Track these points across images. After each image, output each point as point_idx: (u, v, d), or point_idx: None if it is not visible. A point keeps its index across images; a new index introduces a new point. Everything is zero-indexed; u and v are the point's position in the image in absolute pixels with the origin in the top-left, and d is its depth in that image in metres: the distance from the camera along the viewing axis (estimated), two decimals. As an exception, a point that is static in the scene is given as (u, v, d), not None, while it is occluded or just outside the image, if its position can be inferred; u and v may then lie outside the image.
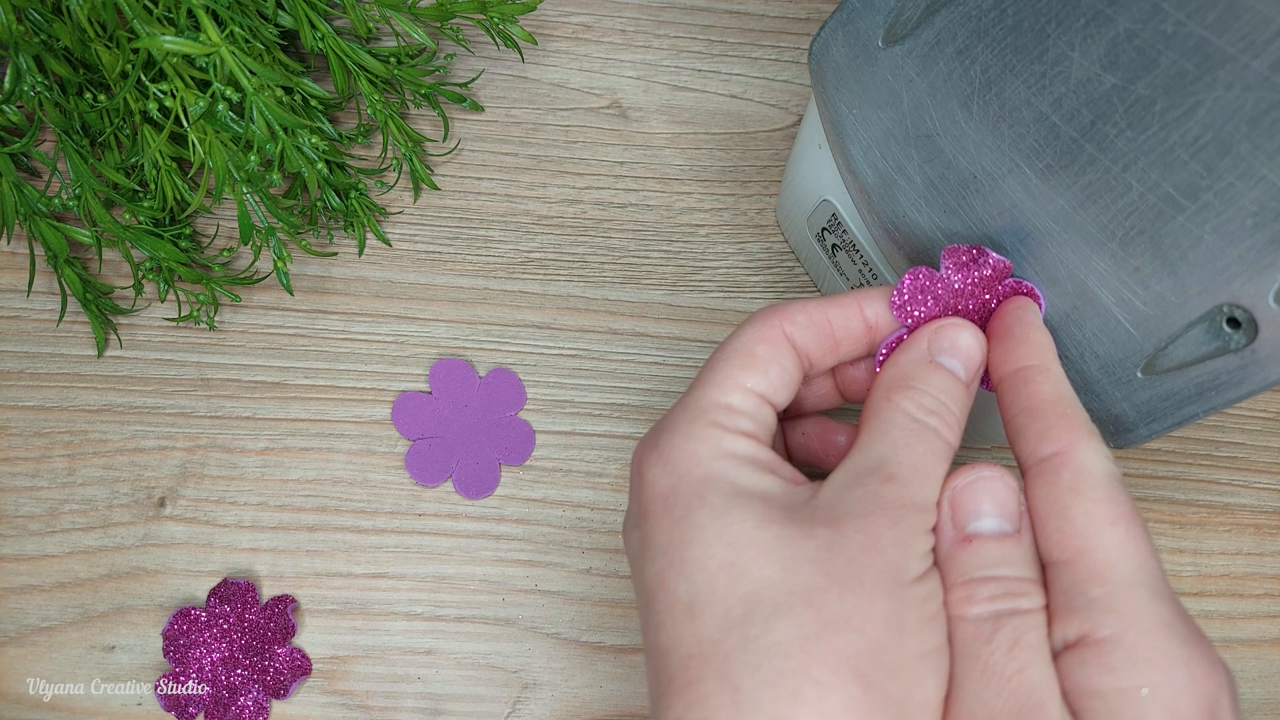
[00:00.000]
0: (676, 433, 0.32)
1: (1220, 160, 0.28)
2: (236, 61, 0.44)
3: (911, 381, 0.32)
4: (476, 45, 0.54)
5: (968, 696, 0.28)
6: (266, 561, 0.49)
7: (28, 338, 0.50)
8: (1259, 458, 0.52)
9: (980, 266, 0.34)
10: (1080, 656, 0.28)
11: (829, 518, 0.29)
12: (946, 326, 0.34)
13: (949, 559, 0.30)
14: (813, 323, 0.34)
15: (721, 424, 0.32)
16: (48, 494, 0.49)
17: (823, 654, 0.27)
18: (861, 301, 0.34)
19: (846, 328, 0.34)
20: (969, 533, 0.30)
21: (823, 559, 0.28)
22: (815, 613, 0.28)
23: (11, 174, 0.47)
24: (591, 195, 0.53)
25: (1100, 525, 0.29)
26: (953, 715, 0.28)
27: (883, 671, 0.27)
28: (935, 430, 0.31)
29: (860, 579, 0.28)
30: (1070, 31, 0.29)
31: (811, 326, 0.34)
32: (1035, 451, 0.31)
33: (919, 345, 0.33)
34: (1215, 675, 0.27)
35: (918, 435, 0.31)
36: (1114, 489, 0.30)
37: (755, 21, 0.56)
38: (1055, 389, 0.32)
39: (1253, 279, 0.30)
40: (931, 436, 0.31)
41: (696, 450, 0.31)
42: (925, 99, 0.34)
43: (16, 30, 0.45)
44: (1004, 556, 0.30)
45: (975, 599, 0.29)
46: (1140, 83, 0.29)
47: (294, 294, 0.51)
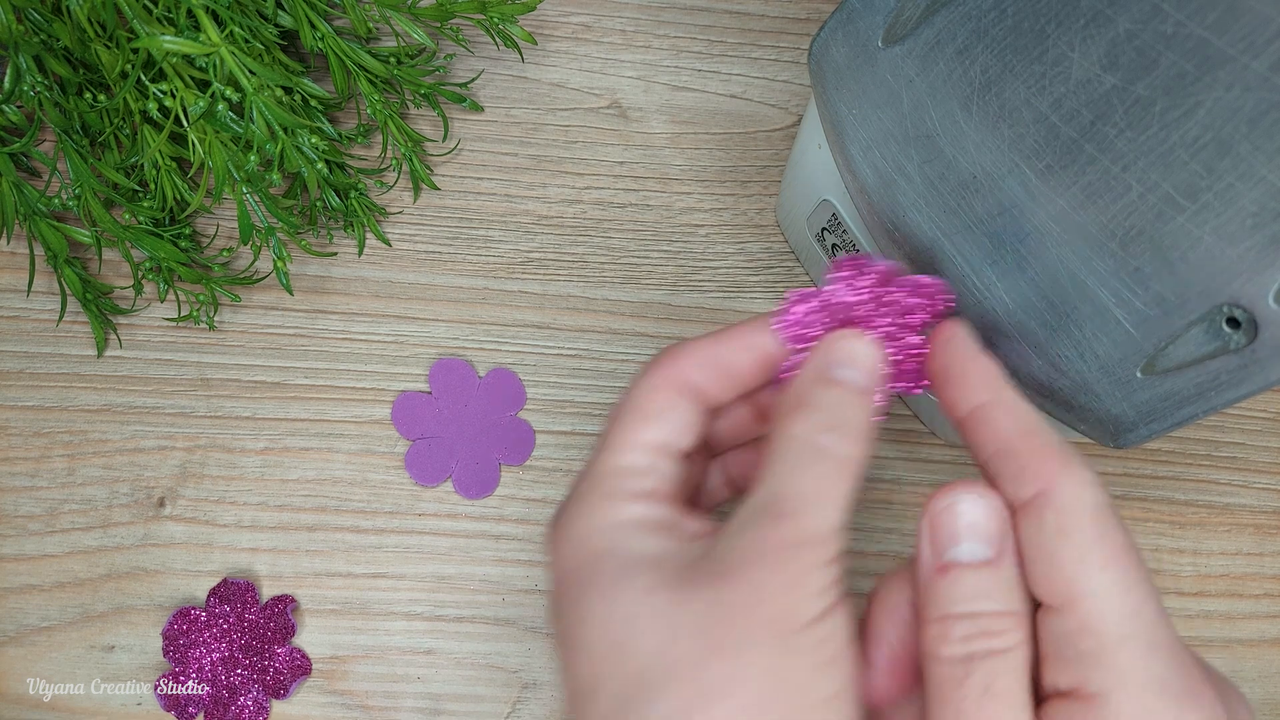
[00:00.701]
0: (574, 508, 0.31)
1: (1220, 161, 0.28)
2: (236, 61, 0.44)
3: (805, 401, 0.31)
4: (476, 45, 0.54)
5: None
6: (266, 561, 0.49)
7: (27, 338, 0.50)
8: (1259, 458, 0.52)
9: (865, 275, 0.34)
10: (1068, 710, 0.27)
11: (716, 572, 0.28)
12: (837, 339, 0.33)
13: (928, 589, 0.29)
14: (706, 363, 0.33)
15: (617, 491, 0.31)
16: (47, 494, 0.49)
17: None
18: (752, 332, 0.33)
19: (740, 362, 0.33)
20: (946, 561, 0.29)
21: (703, 624, 0.27)
22: (693, 685, 0.27)
23: (11, 174, 0.47)
24: (591, 195, 0.53)
25: (1090, 570, 0.27)
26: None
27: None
28: (829, 450, 0.30)
29: (740, 640, 0.27)
30: (1070, 32, 0.29)
31: (705, 367, 0.33)
32: (1017, 494, 0.29)
33: (812, 363, 0.32)
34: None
35: (810, 460, 0.30)
36: (1104, 525, 0.28)
37: (755, 21, 0.56)
38: (1016, 420, 0.30)
39: (1252, 279, 0.29)
40: (826, 458, 0.30)
41: (591, 524, 0.31)
42: (925, 99, 0.34)
43: (16, 30, 0.45)
44: (982, 588, 0.28)
45: (949, 638, 0.28)
46: (1140, 83, 0.29)
47: (294, 294, 0.51)
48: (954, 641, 0.28)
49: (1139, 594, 0.27)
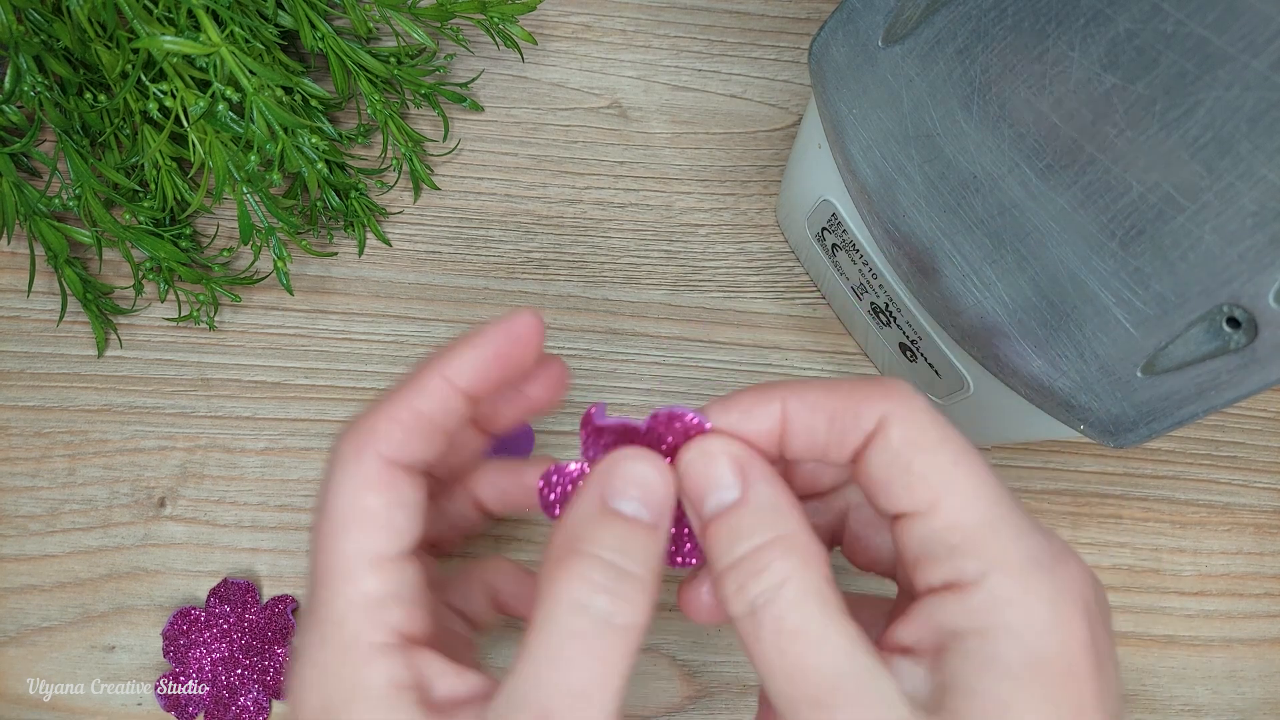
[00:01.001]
0: (310, 671, 0.27)
1: (1220, 160, 0.28)
2: (236, 61, 0.44)
3: (581, 544, 0.27)
4: (476, 45, 0.54)
5: (770, 698, 0.26)
6: (267, 561, 0.49)
7: (28, 338, 0.50)
8: (1259, 457, 0.52)
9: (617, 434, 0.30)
10: (946, 602, 0.26)
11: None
12: (620, 462, 0.29)
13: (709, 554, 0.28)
14: (406, 424, 0.29)
15: (353, 644, 0.27)
16: (48, 494, 0.49)
17: None
18: (444, 372, 0.30)
19: (447, 413, 0.30)
20: (706, 517, 0.28)
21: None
22: None
23: (12, 174, 0.47)
24: (591, 195, 0.53)
25: (946, 470, 0.27)
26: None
27: None
28: (607, 619, 0.26)
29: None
30: (1070, 31, 0.29)
31: (408, 429, 0.29)
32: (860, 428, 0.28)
33: (588, 493, 0.29)
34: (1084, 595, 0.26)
35: (580, 637, 0.26)
36: (945, 430, 0.27)
37: (755, 21, 0.56)
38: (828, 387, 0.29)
39: (1252, 279, 0.29)
40: (601, 632, 0.26)
41: (330, 698, 0.27)
42: (925, 99, 0.34)
43: (16, 30, 0.45)
44: (733, 532, 0.27)
45: (728, 596, 0.27)
46: (1140, 83, 0.29)
47: (294, 294, 0.51)
48: (732, 599, 0.27)
49: (992, 484, 0.27)
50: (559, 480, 0.31)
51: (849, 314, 0.50)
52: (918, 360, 0.46)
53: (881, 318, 0.46)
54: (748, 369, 0.52)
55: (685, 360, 0.52)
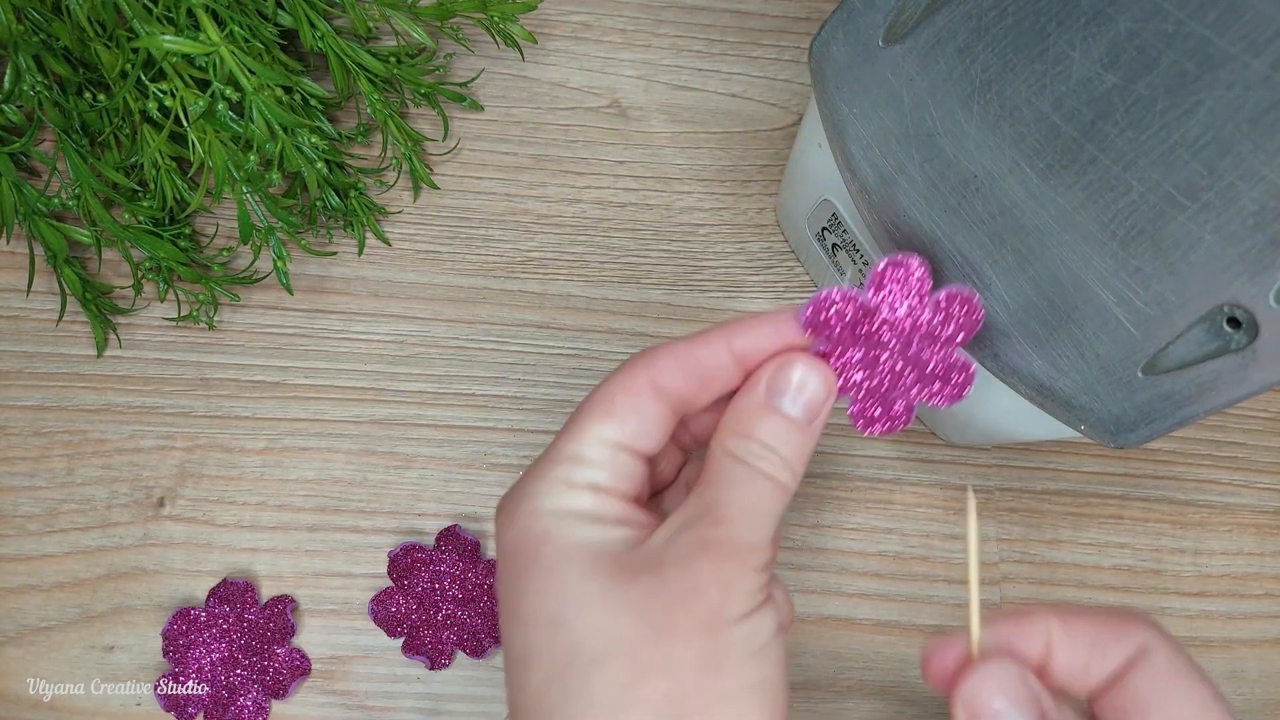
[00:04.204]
0: (525, 488, 0.33)
1: (1221, 160, 0.28)
2: (236, 61, 0.44)
3: (744, 428, 0.33)
4: (476, 44, 0.54)
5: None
6: (266, 561, 0.49)
7: (27, 337, 0.50)
8: (1260, 458, 0.52)
9: (905, 287, 0.33)
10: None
11: (655, 564, 0.30)
12: (787, 366, 0.33)
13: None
14: (680, 366, 0.33)
15: (568, 479, 0.32)
16: (47, 494, 0.49)
17: (633, 701, 0.29)
18: (730, 337, 0.34)
19: (715, 365, 0.34)
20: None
21: (643, 606, 0.29)
22: (630, 661, 0.29)
23: (11, 173, 0.47)
24: (591, 195, 0.53)
25: (1203, 699, 0.30)
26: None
27: (695, 711, 0.29)
28: (766, 474, 0.32)
29: (676, 625, 0.29)
30: (1071, 31, 0.29)
31: (679, 370, 0.33)
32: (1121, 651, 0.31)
33: (755, 389, 0.33)
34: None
35: (747, 480, 0.32)
36: (1194, 662, 0.31)
37: (755, 20, 0.56)
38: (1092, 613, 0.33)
39: (1253, 279, 0.29)
40: (760, 481, 0.32)
41: (538, 506, 0.32)
42: (926, 98, 0.34)
43: (16, 29, 0.45)
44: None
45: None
46: (1141, 82, 0.29)
47: (293, 293, 0.51)
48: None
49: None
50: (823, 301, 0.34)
51: (849, 314, 0.50)
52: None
53: (882, 318, 0.46)
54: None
55: (685, 360, 0.51)
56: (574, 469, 0.32)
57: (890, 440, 0.51)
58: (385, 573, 0.48)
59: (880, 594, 0.50)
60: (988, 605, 0.50)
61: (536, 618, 0.30)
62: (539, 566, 0.31)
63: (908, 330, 0.34)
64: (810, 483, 0.50)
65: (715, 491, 0.32)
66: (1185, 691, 0.30)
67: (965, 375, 0.35)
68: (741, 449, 0.32)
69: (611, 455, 0.33)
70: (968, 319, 0.34)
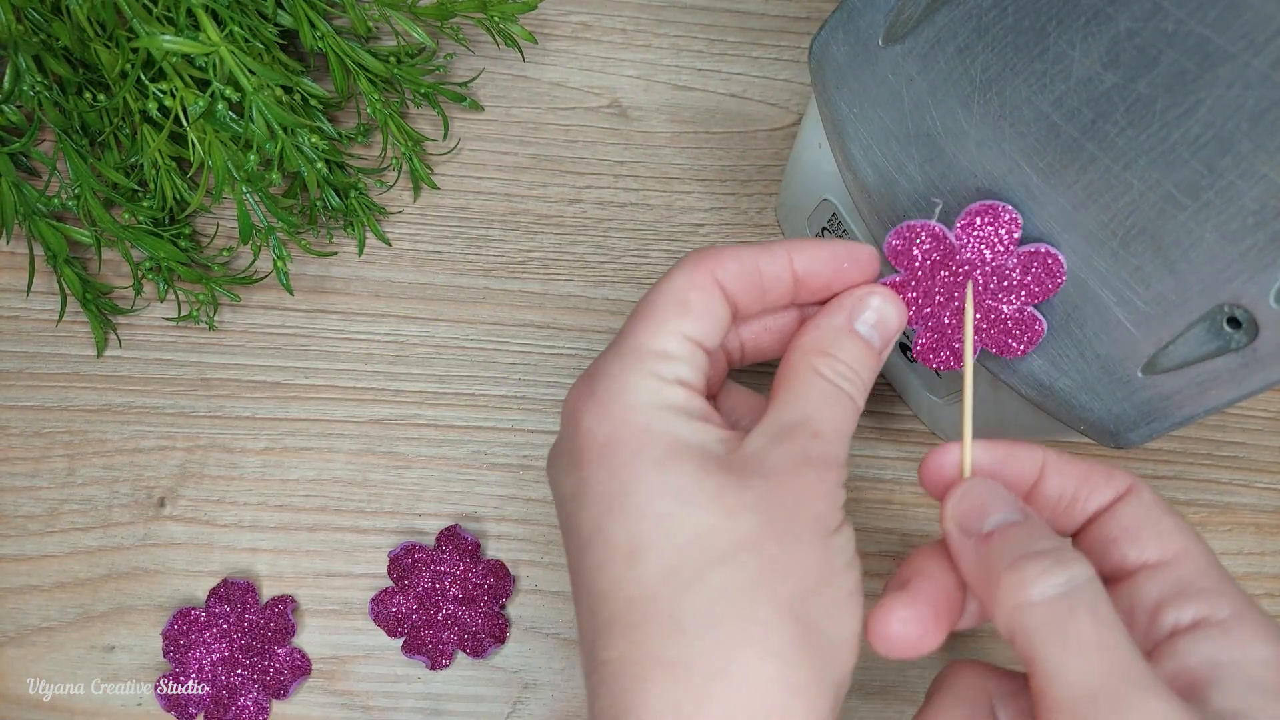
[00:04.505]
0: (614, 380, 0.32)
1: (1221, 159, 0.28)
2: (236, 61, 0.44)
3: (829, 348, 0.34)
4: (476, 44, 0.54)
5: (1056, 674, 0.28)
6: (266, 561, 0.48)
7: (27, 338, 0.50)
8: (1260, 457, 0.52)
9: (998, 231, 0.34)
10: (1205, 635, 0.29)
11: (763, 469, 0.31)
12: (869, 294, 0.34)
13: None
14: (744, 271, 0.34)
15: (658, 373, 0.32)
16: (47, 494, 0.49)
17: (767, 597, 0.29)
18: (792, 252, 0.34)
19: (776, 278, 0.34)
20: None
21: (762, 509, 0.30)
22: (759, 559, 0.29)
23: (11, 174, 0.47)
24: (591, 194, 0.53)
25: (1186, 531, 0.32)
26: (1046, 700, 0.28)
27: (817, 611, 0.30)
28: (849, 395, 0.33)
29: (795, 528, 0.30)
30: (1071, 30, 0.29)
31: (742, 274, 0.34)
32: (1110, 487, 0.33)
33: (840, 313, 0.34)
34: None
35: (834, 398, 0.33)
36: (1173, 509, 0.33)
37: (755, 20, 0.56)
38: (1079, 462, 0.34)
39: (1253, 278, 0.29)
40: (845, 401, 0.33)
41: (634, 399, 0.32)
42: (926, 98, 0.34)
43: (16, 30, 0.45)
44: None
45: (1021, 586, 0.29)
46: (1141, 81, 0.29)
47: (293, 294, 0.51)
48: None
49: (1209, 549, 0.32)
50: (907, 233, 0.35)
51: (849, 313, 0.50)
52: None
53: (882, 317, 0.46)
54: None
55: (685, 360, 0.51)
56: (662, 363, 0.32)
57: (891, 440, 0.51)
58: (386, 573, 0.48)
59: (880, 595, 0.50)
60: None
61: (647, 512, 0.30)
62: (646, 461, 0.31)
63: (987, 277, 0.34)
64: (810, 482, 0.50)
65: (807, 407, 0.32)
66: (1171, 523, 0.32)
67: (1034, 332, 0.35)
68: (828, 368, 0.33)
69: (690, 351, 0.33)
70: (1049, 279, 0.34)
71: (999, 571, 0.29)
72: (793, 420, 0.32)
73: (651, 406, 0.31)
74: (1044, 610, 0.28)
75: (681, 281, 0.33)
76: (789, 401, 0.33)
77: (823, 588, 0.30)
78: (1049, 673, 0.27)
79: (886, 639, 0.31)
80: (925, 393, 0.47)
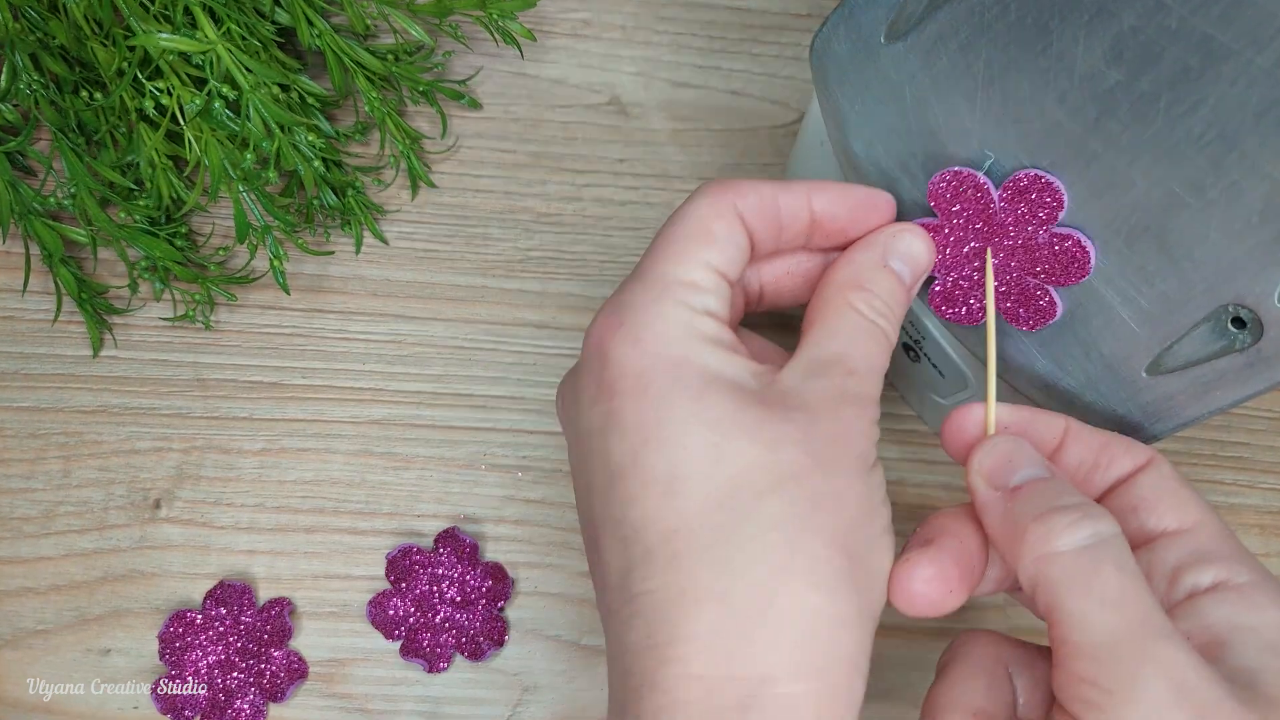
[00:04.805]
0: (644, 311, 0.32)
1: (1225, 156, 0.28)
2: (233, 59, 0.44)
3: (864, 283, 0.34)
4: (475, 42, 0.54)
5: (1079, 621, 0.28)
6: (264, 564, 0.48)
7: (22, 338, 0.50)
8: (1264, 458, 0.52)
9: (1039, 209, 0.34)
10: (1223, 597, 0.30)
11: (801, 404, 0.31)
12: (902, 231, 0.35)
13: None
14: (763, 204, 0.33)
15: (688, 303, 0.32)
16: (43, 496, 0.48)
17: (814, 529, 0.29)
18: (811, 192, 0.34)
19: (794, 215, 0.34)
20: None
21: (804, 442, 0.30)
22: (804, 491, 0.29)
23: (7, 172, 0.47)
24: (591, 193, 0.53)
25: (1200, 502, 0.32)
26: (1067, 646, 0.28)
27: (860, 544, 0.30)
28: (884, 331, 0.33)
29: (838, 462, 0.30)
30: (1074, 26, 0.29)
31: (761, 208, 0.33)
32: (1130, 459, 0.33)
33: (874, 248, 0.34)
34: None
35: (869, 334, 0.33)
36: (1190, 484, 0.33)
37: (756, 17, 0.56)
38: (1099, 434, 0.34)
39: (1258, 277, 0.29)
40: (880, 336, 0.33)
41: (666, 330, 0.31)
42: (928, 95, 0.34)
43: (12, 28, 0.44)
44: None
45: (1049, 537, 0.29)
46: (1145, 78, 0.28)
47: (290, 293, 0.51)
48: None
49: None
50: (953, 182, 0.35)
51: (851, 313, 0.50)
52: (921, 360, 0.45)
53: (883, 317, 0.46)
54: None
55: (686, 360, 0.51)
56: (691, 294, 0.32)
57: (892, 441, 0.51)
58: (383, 575, 0.48)
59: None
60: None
61: (686, 443, 0.30)
62: (683, 391, 0.30)
63: (1018, 247, 0.34)
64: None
65: (842, 343, 0.32)
66: (1189, 495, 0.32)
67: (1046, 312, 0.35)
68: (863, 302, 0.33)
69: (717, 282, 0.33)
70: (1074, 267, 0.33)
71: (1026, 523, 0.29)
72: (828, 356, 0.32)
73: (685, 338, 0.31)
74: (1070, 560, 0.29)
75: (706, 210, 0.33)
76: (823, 337, 0.33)
77: (865, 522, 0.30)
78: (1072, 621, 0.28)
79: (911, 597, 0.31)
80: (929, 393, 0.47)
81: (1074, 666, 0.28)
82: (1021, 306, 0.35)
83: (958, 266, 0.36)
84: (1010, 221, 0.34)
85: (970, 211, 0.34)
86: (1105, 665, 0.27)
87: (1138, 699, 0.26)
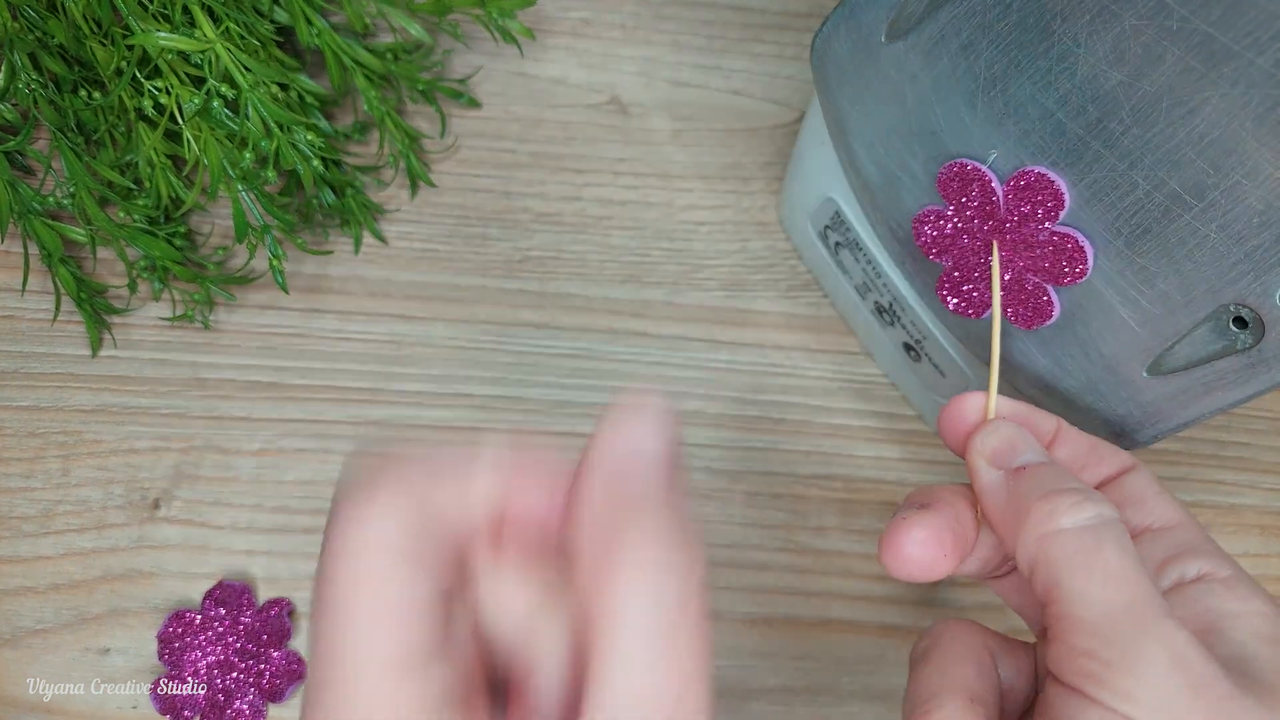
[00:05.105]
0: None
1: (1227, 158, 0.28)
2: (232, 58, 0.44)
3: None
4: (474, 41, 0.54)
5: (1080, 598, 0.28)
6: (262, 564, 0.48)
7: (22, 337, 0.50)
8: (1265, 458, 0.52)
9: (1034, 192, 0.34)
10: (1209, 588, 0.31)
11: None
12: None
13: (1006, 493, 0.31)
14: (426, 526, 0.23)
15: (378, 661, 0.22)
16: (42, 495, 0.48)
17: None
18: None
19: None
20: (1015, 465, 0.32)
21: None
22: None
23: (6, 172, 0.47)
24: (591, 192, 0.53)
25: (1185, 511, 0.33)
26: (1067, 621, 0.28)
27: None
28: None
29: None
30: (1075, 27, 0.29)
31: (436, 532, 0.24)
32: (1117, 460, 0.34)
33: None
34: None
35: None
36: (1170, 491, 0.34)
37: (757, 16, 0.55)
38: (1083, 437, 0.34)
39: (1259, 278, 0.29)
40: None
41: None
42: (929, 95, 0.34)
43: (11, 27, 0.44)
44: (1055, 475, 0.31)
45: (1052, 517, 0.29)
46: (1146, 79, 0.28)
47: (289, 293, 0.51)
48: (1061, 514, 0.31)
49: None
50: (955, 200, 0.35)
51: (852, 313, 0.50)
52: (922, 360, 0.45)
53: (885, 317, 0.46)
54: (750, 369, 0.51)
55: (687, 360, 0.51)
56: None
57: (894, 441, 0.51)
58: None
59: (885, 597, 0.49)
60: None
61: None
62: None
63: (1019, 244, 0.34)
64: (813, 484, 0.50)
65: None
66: (1169, 499, 0.33)
67: (1045, 314, 0.35)
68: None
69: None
70: (1070, 266, 0.33)
71: (1030, 502, 0.30)
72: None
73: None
74: (1072, 539, 0.29)
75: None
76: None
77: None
78: (1073, 597, 0.28)
79: (902, 559, 0.31)
80: (929, 393, 0.47)
81: (1073, 641, 0.28)
82: (1021, 305, 0.35)
83: (965, 257, 0.36)
84: (1013, 218, 0.34)
85: (974, 207, 0.34)
86: (1106, 639, 0.27)
87: (1138, 669, 0.27)
